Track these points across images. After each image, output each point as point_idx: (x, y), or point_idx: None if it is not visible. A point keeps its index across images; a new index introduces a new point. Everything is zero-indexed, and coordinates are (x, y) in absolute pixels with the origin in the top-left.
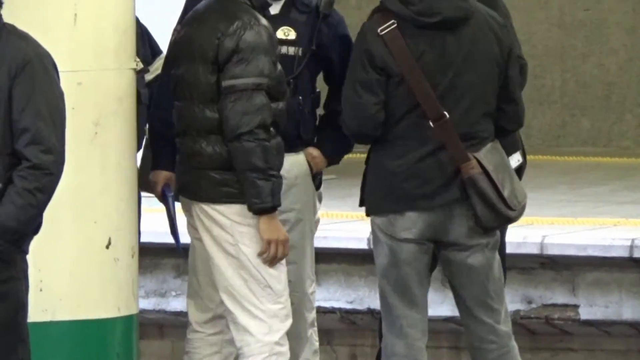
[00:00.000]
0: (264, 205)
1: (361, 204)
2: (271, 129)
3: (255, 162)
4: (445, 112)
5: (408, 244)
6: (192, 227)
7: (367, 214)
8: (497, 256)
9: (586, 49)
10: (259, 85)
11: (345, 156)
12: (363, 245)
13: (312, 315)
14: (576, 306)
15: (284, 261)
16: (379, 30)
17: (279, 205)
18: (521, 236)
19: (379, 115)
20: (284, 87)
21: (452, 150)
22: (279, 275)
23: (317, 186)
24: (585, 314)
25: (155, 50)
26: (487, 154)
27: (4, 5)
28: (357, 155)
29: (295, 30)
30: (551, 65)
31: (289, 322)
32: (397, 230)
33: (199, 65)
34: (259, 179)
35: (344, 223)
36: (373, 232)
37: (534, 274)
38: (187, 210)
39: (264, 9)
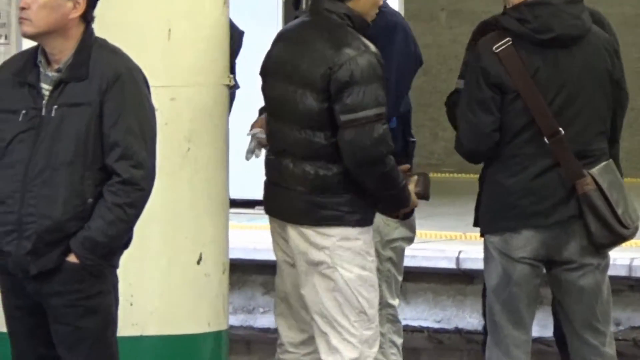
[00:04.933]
0: (408, 209)
1: (475, 224)
2: None
3: (394, 184)
4: (560, 129)
5: (522, 265)
6: (281, 250)
7: (482, 234)
8: (607, 279)
9: None
10: (380, 115)
11: (434, 175)
12: (452, 264)
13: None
14: None
15: (377, 285)
16: (494, 48)
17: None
18: (610, 258)
19: (493, 135)
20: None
21: (567, 167)
22: (373, 300)
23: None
24: None
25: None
26: (602, 172)
27: (95, 20)
28: (445, 175)
29: None
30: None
31: (376, 347)
32: (512, 249)
33: (306, 91)
34: (397, 194)
35: (432, 242)
36: (487, 250)
37: (622, 296)
38: (279, 233)
39: (364, 30)
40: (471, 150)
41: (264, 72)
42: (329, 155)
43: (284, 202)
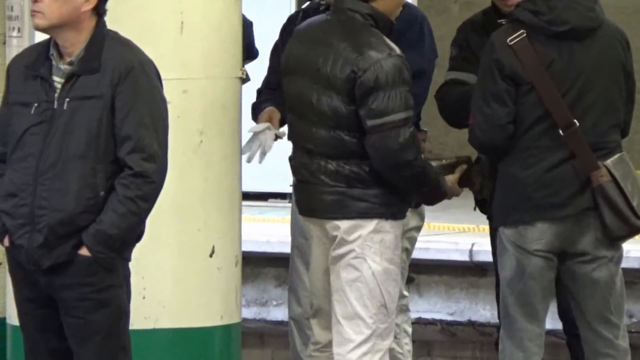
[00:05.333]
0: (441, 198)
1: (489, 217)
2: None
3: (425, 183)
4: (575, 121)
5: (536, 258)
6: (319, 255)
7: (495, 227)
8: (620, 271)
9: None
10: (407, 119)
11: None
12: (465, 257)
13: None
14: None
15: (399, 279)
16: (508, 41)
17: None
18: (623, 250)
19: (508, 127)
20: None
21: (582, 159)
22: (395, 295)
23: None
24: None
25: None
26: (616, 164)
27: (108, 13)
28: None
29: None
30: None
31: (389, 340)
32: (527, 242)
33: (332, 93)
34: (430, 191)
35: (445, 235)
36: (500, 243)
37: (635, 288)
38: (319, 237)
39: (388, 30)
40: (486, 142)
41: (285, 69)
42: (361, 154)
43: (317, 199)
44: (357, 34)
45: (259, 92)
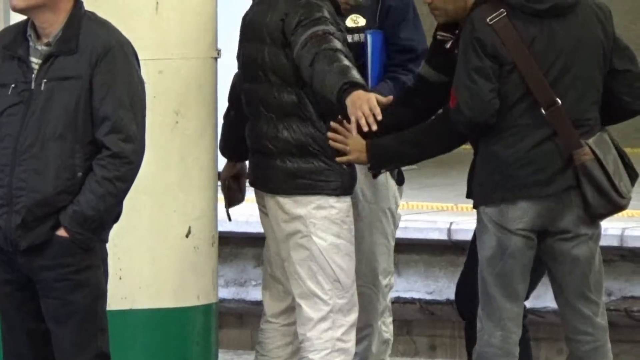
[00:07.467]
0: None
1: (469, 196)
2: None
3: (345, 71)
4: (557, 99)
5: (517, 237)
6: (265, 217)
7: (476, 205)
8: (599, 249)
9: None
10: (327, 31)
11: None
12: (443, 236)
13: (382, 306)
14: None
15: (353, 255)
16: (488, 20)
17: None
18: (601, 228)
19: (494, 102)
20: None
21: (565, 137)
22: (348, 269)
23: (399, 181)
24: None
25: None
26: (598, 142)
27: None
28: None
29: (364, 16)
30: None
31: (353, 316)
32: (509, 221)
33: (273, 47)
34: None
35: (424, 214)
36: (481, 222)
37: (613, 266)
38: (260, 202)
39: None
40: (472, 118)
41: (241, 38)
42: (299, 112)
43: (261, 173)
44: None
45: None
